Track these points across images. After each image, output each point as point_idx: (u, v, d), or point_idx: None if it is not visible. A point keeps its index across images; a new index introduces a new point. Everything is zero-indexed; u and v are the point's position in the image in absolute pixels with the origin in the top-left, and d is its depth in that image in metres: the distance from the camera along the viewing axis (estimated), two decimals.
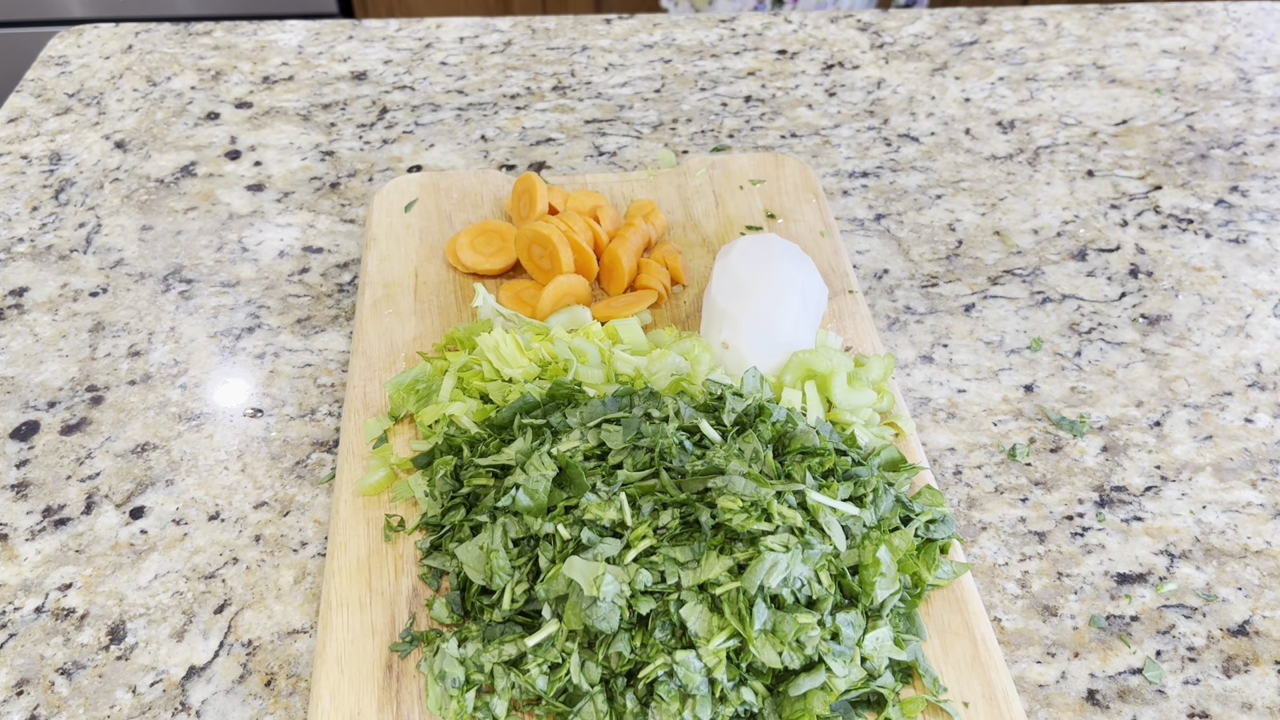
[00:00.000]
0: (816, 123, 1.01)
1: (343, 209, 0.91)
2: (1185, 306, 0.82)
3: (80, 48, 1.13)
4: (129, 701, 0.58)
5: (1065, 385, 0.76)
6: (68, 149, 0.98)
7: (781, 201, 0.88)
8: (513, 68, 1.09)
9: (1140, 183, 0.95)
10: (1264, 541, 0.66)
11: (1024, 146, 0.99)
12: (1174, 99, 1.05)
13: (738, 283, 0.71)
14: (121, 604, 0.62)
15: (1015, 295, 0.83)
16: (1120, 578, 0.64)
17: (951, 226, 0.89)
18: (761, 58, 1.11)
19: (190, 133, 1.00)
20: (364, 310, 0.78)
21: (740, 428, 0.63)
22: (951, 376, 0.76)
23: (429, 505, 0.64)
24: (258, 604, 0.62)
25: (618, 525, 0.57)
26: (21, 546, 0.65)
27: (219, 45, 1.13)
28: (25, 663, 0.59)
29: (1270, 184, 0.94)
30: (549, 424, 0.64)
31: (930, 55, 1.11)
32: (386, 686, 0.56)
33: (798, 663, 0.53)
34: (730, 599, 0.54)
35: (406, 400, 0.70)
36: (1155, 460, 0.71)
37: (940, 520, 0.63)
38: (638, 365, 0.68)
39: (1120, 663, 0.60)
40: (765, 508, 0.56)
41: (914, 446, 0.69)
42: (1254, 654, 0.60)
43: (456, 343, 0.74)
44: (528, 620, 0.57)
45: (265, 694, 0.58)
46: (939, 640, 0.59)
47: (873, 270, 0.85)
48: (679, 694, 0.53)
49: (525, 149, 0.98)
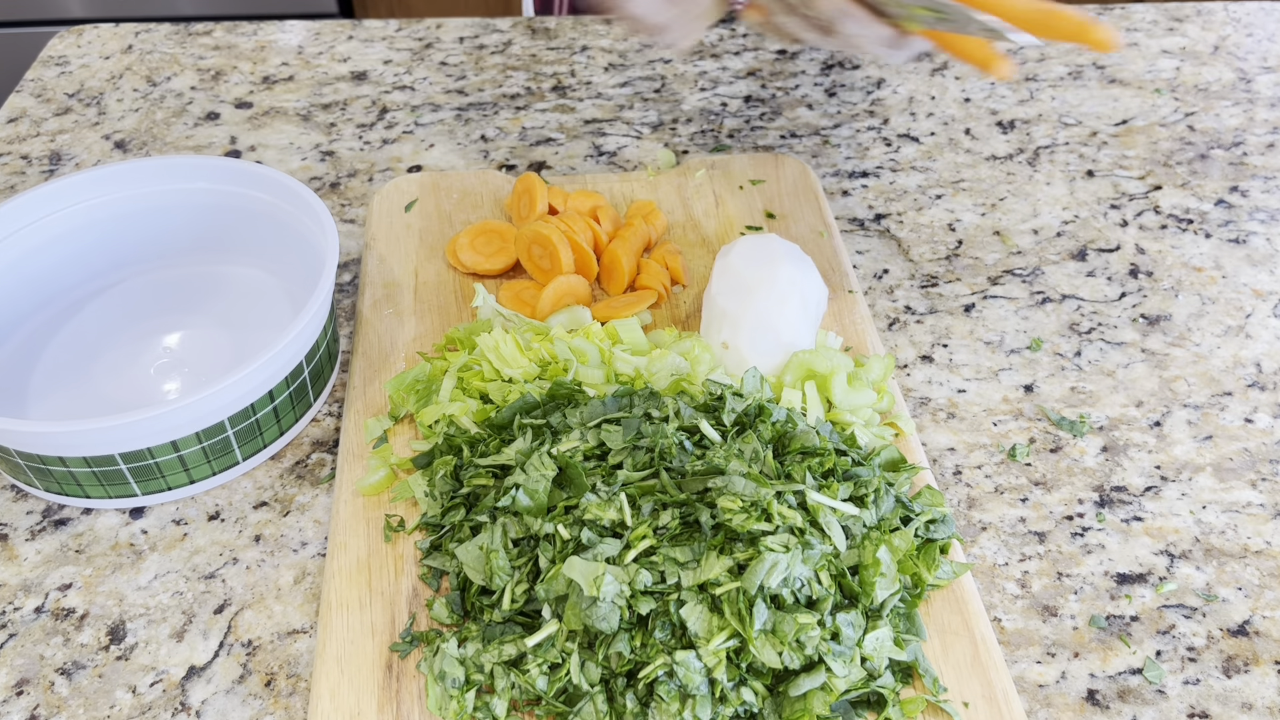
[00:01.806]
0: (816, 123, 1.01)
1: (343, 209, 0.91)
2: (1185, 306, 0.82)
3: (80, 48, 1.13)
4: (129, 701, 0.58)
5: (1065, 385, 0.76)
6: (68, 149, 0.98)
7: (781, 201, 0.88)
8: (513, 68, 1.09)
9: (1140, 183, 0.95)
10: (1264, 541, 0.66)
11: (1024, 146, 0.99)
12: (1174, 99, 1.05)
13: (738, 283, 0.71)
14: (121, 604, 0.62)
15: (1015, 295, 0.83)
16: (1120, 578, 0.64)
17: (951, 226, 0.89)
18: (761, 58, 1.11)
19: (190, 133, 1.00)
20: (364, 310, 0.78)
21: (740, 428, 0.63)
22: (951, 376, 0.76)
23: (429, 505, 0.64)
24: (258, 604, 0.62)
25: (618, 525, 0.57)
26: (21, 546, 0.65)
27: (219, 45, 1.13)
28: (25, 663, 0.59)
29: (1270, 184, 0.94)
30: (549, 424, 0.64)
31: (930, 55, 1.11)
32: (386, 686, 0.57)
33: (798, 663, 0.53)
34: (730, 599, 0.54)
35: (406, 400, 0.70)
36: (1155, 460, 0.71)
37: (940, 520, 0.63)
38: (638, 365, 0.68)
39: (1120, 663, 0.60)
40: (765, 508, 0.56)
41: (914, 446, 0.69)
42: (1254, 654, 0.60)
43: (456, 343, 0.74)
44: (528, 620, 0.57)
45: (265, 694, 0.58)
46: (939, 640, 0.59)
47: (873, 270, 0.85)
48: (679, 694, 0.53)
49: (525, 149, 0.98)
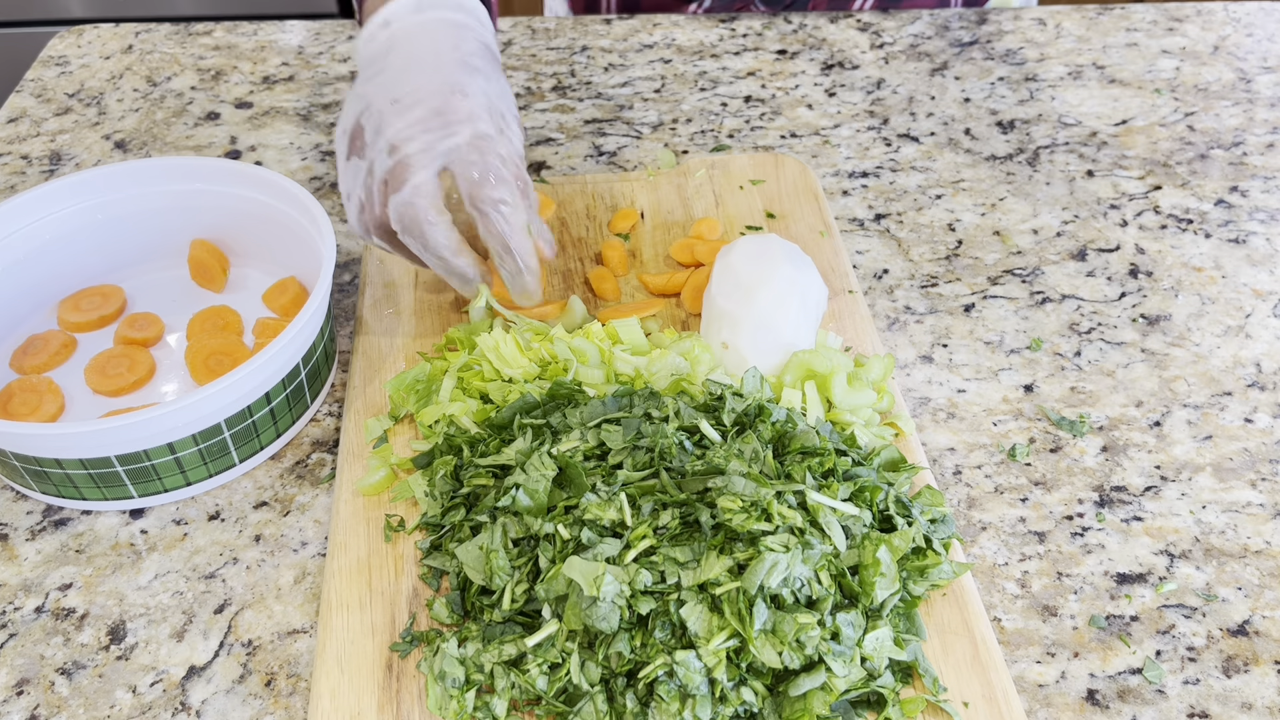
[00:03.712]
0: (816, 123, 1.01)
1: (343, 209, 0.91)
2: (1185, 306, 0.82)
3: (80, 48, 1.13)
4: (129, 701, 0.58)
5: (1065, 385, 0.76)
6: (68, 149, 0.98)
7: (781, 201, 0.88)
8: (513, 68, 1.09)
9: (1140, 183, 0.95)
10: (1264, 541, 0.66)
11: (1024, 146, 0.99)
12: (1174, 99, 1.05)
13: (738, 283, 0.71)
14: (121, 604, 0.62)
15: (1015, 295, 0.83)
16: (1120, 578, 0.64)
17: (951, 226, 0.89)
18: (761, 58, 1.11)
19: (190, 133, 1.00)
20: (364, 310, 0.78)
21: (740, 428, 0.63)
22: (951, 376, 0.76)
23: (429, 505, 0.64)
24: (258, 604, 0.62)
25: (618, 525, 0.57)
26: (21, 546, 0.65)
27: (219, 45, 1.13)
28: (25, 663, 0.59)
29: (1270, 184, 0.94)
30: (549, 424, 0.64)
31: (930, 55, 1.11)
32: (386, 686, 0.57)
33: (798, 663, 0.53)
34: (730, 599, 0.54)
35: (406, 400, 0.70)
36: (1155, 460, 0.71)
37: (940, 520, 0.63)
38: (638, 365, 0.68)
39: (1120, 663, 0.60)
40: (765, 508, 0.56)
41: (914, 446, 0.69)
42: (1254, 654, 0.60)
43: (456, 343, 0.74)
44: (528, 620, 0.57)
45: (265, 694, 0.58)
46: (939, 640, 0.59)
47: (873, 270, 0.85)
48: (679, 694, 0.53)
49: (525, 149, 0.97)
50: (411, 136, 0.65)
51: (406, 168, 0.65)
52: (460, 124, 0.65)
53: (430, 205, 0.65)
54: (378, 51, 0.70)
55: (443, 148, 0.65)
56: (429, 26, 0.70)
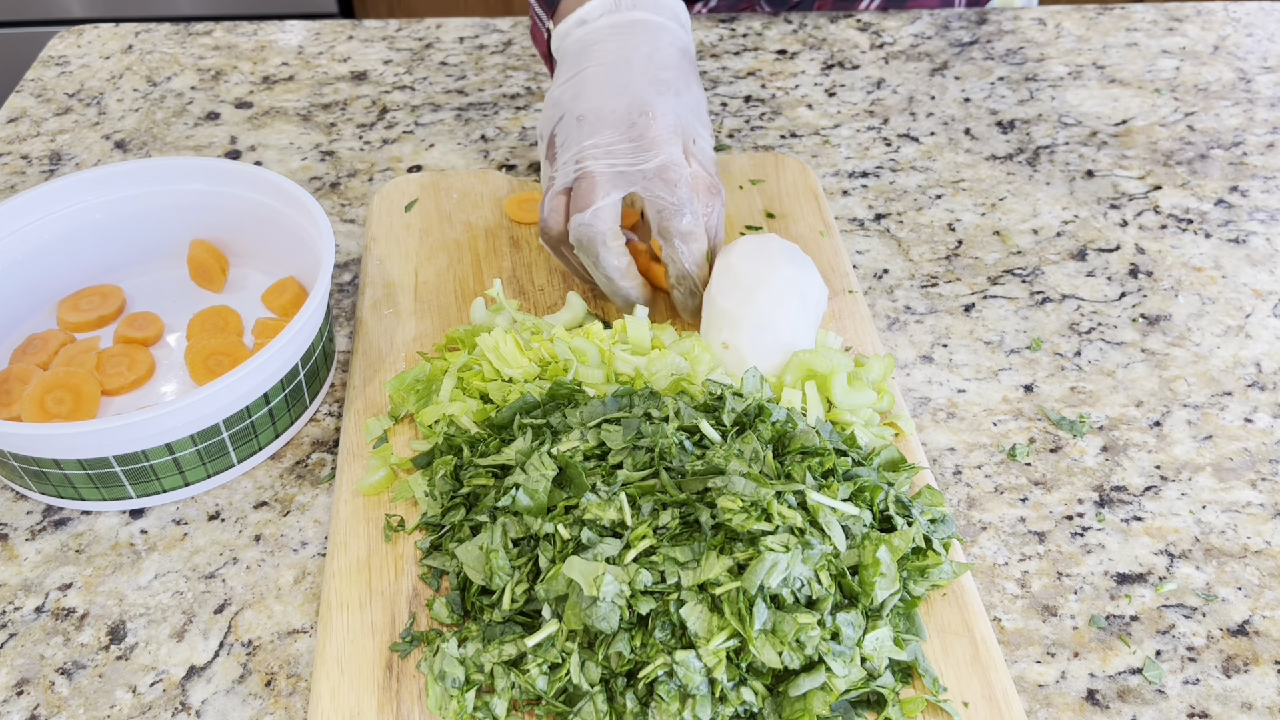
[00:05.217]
0: (816, 123, 1.01)
1: (343, 209, 0.91)
2: (1185, 306, 0.82)
3: (80, 48, 1.13)
4: (129, 701, 0.58)
5: (1065, 385, 0.76)
6: (68, 149, 0.98)
7: (781, 201, 0.88)
8: (513, 68, 1.09)
9: (1140, 183, 0.95)
10: (1264, 541, 0.66)
11: (1024, 146, 0.99)
12: (1174, 99, 1.05)
13: (738, 283, 0.71)
14: (121, 604, 0.62)
15: (1015, 295, 0.83)
16: (1120, 578, 0.64)
17: (951, 226, 0.89)
18: (761, 58, 1.11)
19: (190, 133, 1.00)
20: (364, 310, 0.78)
21: (740, 428, 0.63)
22: (951, 376, 0.76)
23: (429, 505, 0.64)
24: (258, 604, 0.62)
25: (618, 525, 0.57)
26: (21, 546, 0.65)
27: (219, 45, 1.13)
28: (25, 662, 0.59)
29: (1270, 184, 0.94)
30: (549, 424, 0.64)
31: (930, 55, 1.11)
32: (386, 686, 0.57)
33: (798, 663, 0.53)
34: (730, 599, 0.54)
35: (406, 400, 0.70)
36: (1155, 460, 0.71)
37: (940, 520, 0.63)
38: (638, 365, 0.68)
39: (1120, 663, 0.60)
40: (765, 508, 0.56)
41: (914, 446, 0.69)
42: (1254, 654, 0.60)
43: (457, 342, 0.74)
44: (528, 620, 0.57)
45: (265, 694, 0.58)
46: (939, 640, 0.59)
47: (873, 270, 0.85)
48: (679, 694, 0.53)
49: (525, 149, 0.98)
50: (597, 158, 0.67)
51: (592, 190, 0.67)
52: (647, 150, 0.67)
53: (609, 230, 0.68)
54: (571, 51, 0.71)
55: (630, 174, 0.67)
56: (624, 29, 0.70)
